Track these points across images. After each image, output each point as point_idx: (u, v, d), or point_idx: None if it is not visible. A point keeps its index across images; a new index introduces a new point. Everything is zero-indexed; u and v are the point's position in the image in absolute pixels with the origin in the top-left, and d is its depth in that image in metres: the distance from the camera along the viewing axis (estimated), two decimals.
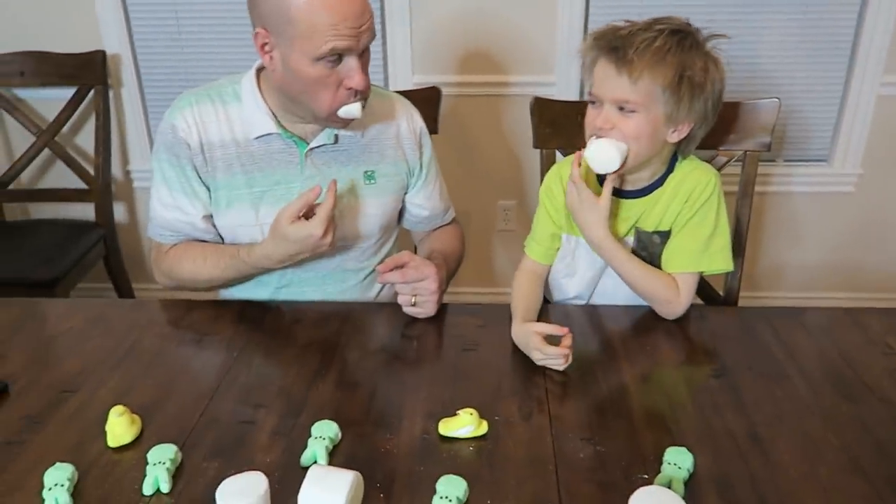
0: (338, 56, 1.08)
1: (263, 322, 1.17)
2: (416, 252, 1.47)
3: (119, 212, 2.50)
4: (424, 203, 1.37)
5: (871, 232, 2.44)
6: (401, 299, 1.16)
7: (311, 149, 1.22)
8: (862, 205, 2.40)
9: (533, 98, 1.51)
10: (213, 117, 1.20)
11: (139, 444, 0.89)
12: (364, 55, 1.12)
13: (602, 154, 1.09)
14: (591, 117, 1.12)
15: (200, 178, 1.22)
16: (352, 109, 1.14)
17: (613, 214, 1.17)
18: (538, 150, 1.56)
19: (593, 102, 1.12)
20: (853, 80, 2.24)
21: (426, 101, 1.56)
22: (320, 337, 1.14)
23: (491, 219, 2.48)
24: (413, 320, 1.16)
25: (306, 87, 1.11)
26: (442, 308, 1.18)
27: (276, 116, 1.20)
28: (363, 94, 1.14)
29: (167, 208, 1.23)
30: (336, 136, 1.23)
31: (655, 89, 1.05)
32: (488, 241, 2.51)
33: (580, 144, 1.50)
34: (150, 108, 2.39)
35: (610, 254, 1.14)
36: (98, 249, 2.26)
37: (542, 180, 1.54)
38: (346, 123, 1.18)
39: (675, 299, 1.14)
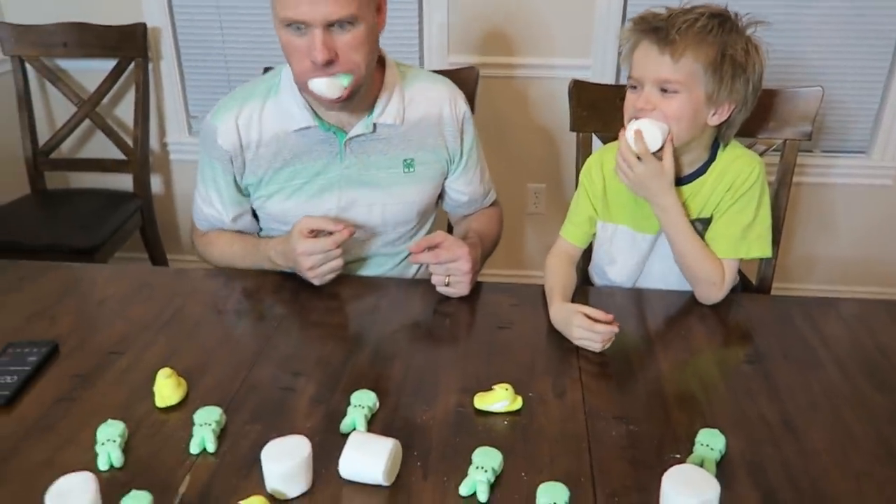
0: (299, 25, 1.07)
1: (302, 295, 1.19)
2: (451, 231, 1.49)
3: (156, 183, 2.54)
4: (464, 188, 1.37)
5: None
6: (434, 279, 1.17)
7: (350, 138, 1.22)
8: None
9: (571, 81, 1.51)
10: (256, 116, 1.22)
11: (185, 406, 0.92)
12: (337, 29, 1.08)
13: (644, 133, 1.09)
14: (631, 100, 1.12)
15: (236, 182, 1.26)
16: (318, 84, 1.11)
17: None
18: (570, 134, 1.55)
19: (633, 87, 1.12)
20: None
21: (463, 81, 1.56)
22: (357, 311, 1.16)
23: (521, 201, 2.48)
24: (447, 298, 1.18)
25: (284, 52, 1.13)
26: (475, 287, 1.19)
27: (312, 108, 1.20)
28: (332, 71, 1.09)
29: (204, 202, 1.31)
30: (374, 126, 1.23)
31: (697, 68, 1.06)
32: (518, 223, 2.52)
33: (618, 128, 1.51)
34: (189, 81, 2.42)
35: (675, 222, 1.13)
36: (135, 219, 2.31)
37: (577, 163, 1.54)
38: (331, 101, 1.13)
39: (719, 283, 1.14)
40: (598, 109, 1.51)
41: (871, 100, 2.27)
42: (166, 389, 0.91)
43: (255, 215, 1.34)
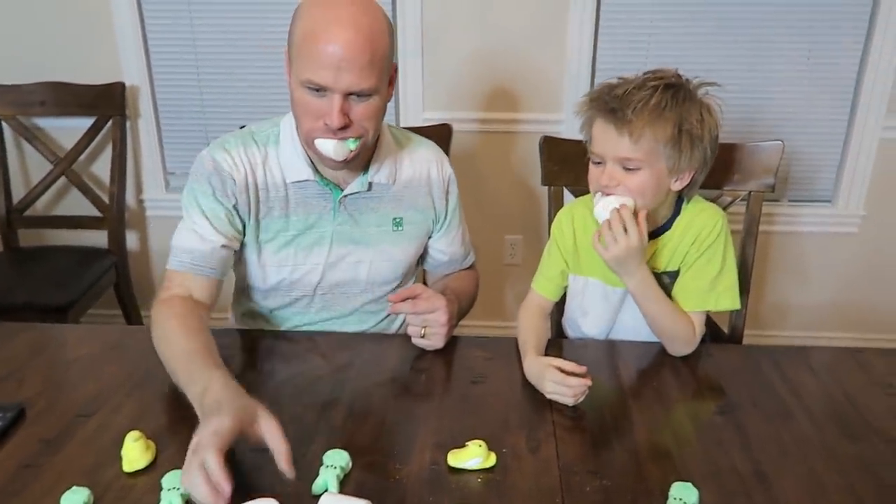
0: (319, 88, 1.08)
1: (275, 350, 1.19)
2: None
3: (131, 240, 2.54)
4: (446, 248, 1.40)
5: (875, 273, 2.46)
6: (411, 330, 1.18)
7: (345, 196, 1.24)
8: (866, 246, 2.43)
9: (542, 137, 1.55)
10: (258, 159, 1.22)
11: (153, 470, 0.90)
12: (356, 98, 1.10)
13: (609, 212, 1.13)
14: (595, 175, 1.16)
15: (237, 212, 1.21)
16: (326, 145, 1.13)
17: None
18: (546, 187, 1.59)
19: (596, 162, 1.15)
20: (856, 122, 2.28)
21: (438, 137, 1.59)
22: (332, 366, 1.16)
23: (498, 253, 2.51)
24: (422, 352, 1.19)
25: (296, 109, 1.14)
26: (451, 341, 1.20)
27: (312, 162, 1.22)
28: (343, 136, 1.11)
29: (189, 234, 1.20)
30: (370, 185, 1.25)
31: (657, 145, 1.09)
32: (495, 275, 2.54)
33: (587, 182, 1.54)
34: (166, 139, 2.44)
35: (648, 294, 1.15)
36: (109, 276, 2.30)
37: (549, 215, 1.57)
38: (335, 162, 1.15)
39: (691, 336, 1.16)
40: (569, 164, 1.55)
41: (834, 151, 2.35)
42: (134, 453, 0.90)
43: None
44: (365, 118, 1.13)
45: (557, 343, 1.24)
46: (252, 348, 1.19)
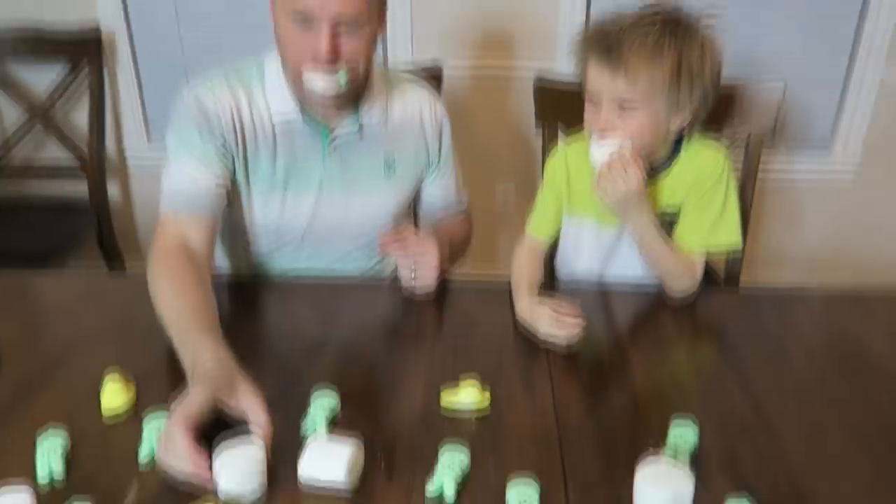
0: (306, 18, 1.04)
1: (261, 295, 1.15)
2: None
3: (113, 191, 2.47)
4: (439, 193, 1.35)
5: (871, 222, 2.44)
6: (401, 272, 1.14)
7: (335, 137, 1.19)
8: (861, 194, 2.40)
9: (536, 78, 1.50)
10: (243, 98, 1.16)
11: (134, 412, 0.87)
12: (343, 28, 1.05)
13: (607, 155, 1.08)
14: (591, 116, 1.11)
15: (227, 150, 1.15)
16: (313, 78, 1.08)
17: None
18: (538, 133, 1.54)
19: (590, 99, 1.10)
20: (855, 68, 2.23)
21: (427, 80, 1.54)
22: (320, 312, 1.12)
23: (489, 201, 2.47)
24: (413, 295, 1.15)
25: (280, 41, 1.09)
26: (442, 285, 1.16)
27: (299, 102, 1.16)
28: (332, 68, 1.06)
29: (179, 174, 1.13)
30: (360, 126, 1.20)
31: (655, 85, 1.03)
32: (486, 223, 2.48)
33: (582, 123, 1.50)
34: (146, 86, 2.36)
35: (652, 237, 1.11)
36: (91, 228, 2.23)
37: (543, 161, 1.53)
38: (322, 100, 1.11)
39: (691, 277, 1.13)
40: (563, 106, 1.49)
41: (832, 98, 2.30)
42: (113, 395, 0.86)
43: None
44: (355, 50, 1.08)
45: (551, 285, 1.20)
46: (239, 294, 1.15)
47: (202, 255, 1.11)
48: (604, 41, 1.04)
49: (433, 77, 1.56)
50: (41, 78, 2.27)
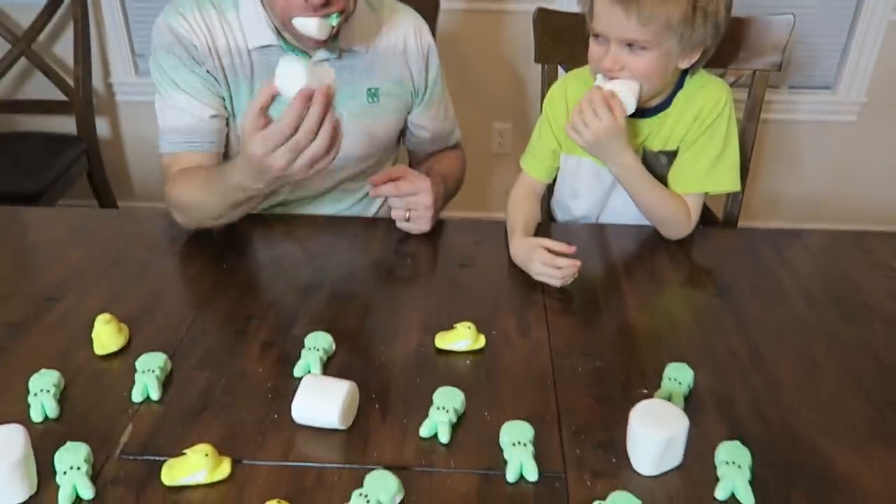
0: None
1: (253, 235, 1.13)
2: None
3: (102, 126, 2.41)
4: (427, 124, 1.31)
5: (872, 163, 2.41)
6: (394, 213, 1.12)
7: (315, 63, 1.14)
8: (864, 135, 2.36)
9: (536, 9, 1.44)
10: (216, 22, 1.11)
11: (127, 353, 0.86)
12: None
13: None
14: (597, 55, 1.05)
15: (213, 76, 1.11)
16: (306, 24, 1.02)
17: None
18: (536, 72, 1.49)
19: (597, 37, 1.05)
20: (864, 6, 2.16)
21: (422, 12, 1.48)
22: (313, 251, 1.10)
23: (486, 142, 2.42)
24: (407, 236, 1.13)
25: None
26: (437, 225, 1.14)
27: (276, 27, 1.11)
28: (325, 11, 1.02)
29: (171, 111, 1.11)
30: (340, 52, 1.15)
31: (668, 25, 0.98)
32: (483, 164, 2.46)
33: (584, 58, 1.45)
34: (133, 18, 2.27)
35: (635, 178, 1.08)
36: (81, 164, 2.19)
37: (542, 99, 1.48)
38: (314, 42, 1.06)
39: (686, 220, 1.11)
40: (564, 39, 1.44)
41: (838, 36, 2.23)
42: (105, 336, 0.85)
43: None
44: None
45: (547, 226, 1.19)
46: (227, 232, 1.13)
47: None
48: None
49: (428, 7, 1.49)
50: (22, 7, 2.19)
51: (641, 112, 1.11)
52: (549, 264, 0.98)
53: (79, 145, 2.19)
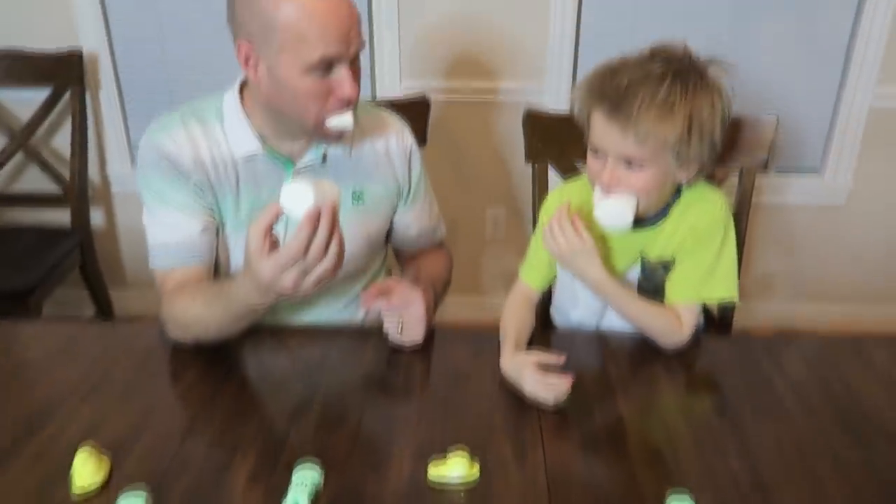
0: (328, 64, 1.03)
1: (243, 348, 1.11)
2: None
3: (96, 217, 2.42)
4: (413, 222, 1.32)
5: (862, 246, 2.42)
6: (387, 327, 1.11)
7: (299, 169, 1.16)
8: (853, 218, 2.38)
9: (525, 110, 1.47)
10: (200, 136, 1.13)
11: (108, 489, 0.83)
12: (354, 63, 1.08)
13: (613, 214, 1.05)
14: (595, 168, 1.07)
15: (200, 189, 1.13)
16: (344, 120, 1.08)
17: (618, 247, 1.13)
18: (528, 166, 1.50)
19: (595, 150, 1.07)
20: (846, 90, 2.21)
21: (415, 111, 1.51)
22: (302, 367, 1.08)
23: (479, 227, 2.44)
24: (400, 348, 1.11)
25: (296, 98, 1.05)
26: (430, 335, 1.13)
27: (261, 136, 1.14)
28: (350, 105, 1.08)
29: (162, 228, 1.13)
30: (324, 156, 1.17)
31: (665, 143, 1.00)
32: (477, 249, 2.47)
33: (574, 158, 1.47)
34: (129, 110, 2.31)
35: (612, 294, 1.09)
36: (74, 257, 2.19)
37: (533, 195, 1.50)
38: (338, 136, 1.12)
39: (677, 331, 1.10)
40: (553, 139, 1.46)
41: (822, 119, 2.28)
42: (86, 472, 0.82)
43: None
44: (359, 80, 1.08)
45: (545, 334, 1.17)
46: (215, 346, 1.11)
47: None
48: (611, 95, 1.00)
49: (420, 108, 1.52)
50: (22, 103, 2.22)
51: (639, 222, 1.11)
52: (539, 382, 0.96)
53: (73, 238, 2.19)
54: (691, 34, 2.14)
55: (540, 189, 1.49)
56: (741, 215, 1.48)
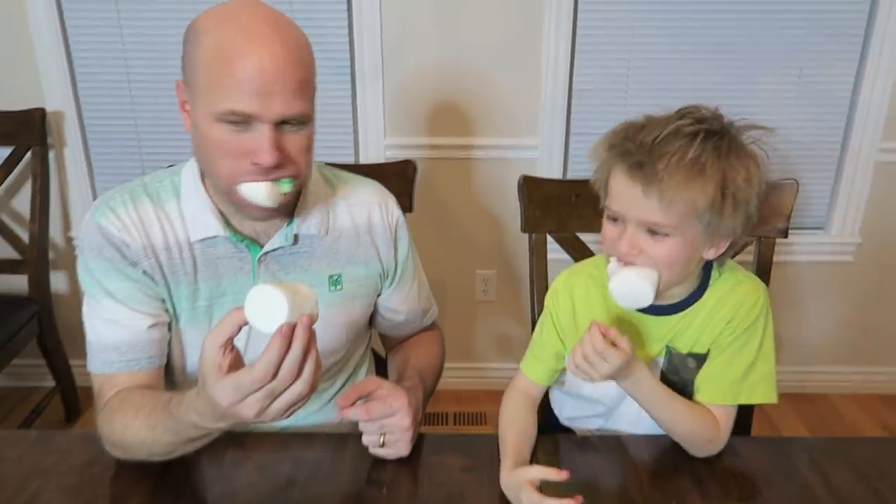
0: (243, 120, 0.87)
1: (200, 464, 0.94)
2: (386, 363, 1.26)
3: (59, 281, 2.27)
4: (400, 306, 1.16)
5: (872, 303, 2.31)
6: (366, 439, 0.95)
7: (266, 253, 1.00)
8: (861, 275, 2.27)
9: (521, 177, 1.34)
10: (152, 217, 0.98)
11: None
12: (282, 128, 0.88)
13: (631, 289, 0.90)
14: (612, 236, 0.92)
15: (150, 278, 0.97)
16: (255, 190, 0.90)
17: (641, 334, 0.99)
18: (518, 216, 1.35)
19: (613, 219, 0.92)
20: (850, 145, 2.13)
21: (399, 176, 1.39)
22: (269, 484, 0.92)
23: (469, 289, 2.30)
24: (383, 460, 0.95)
25: (208, 150, 0.90)
26: (417, 442, 0.97)
27: (222, 214, 0.99)
28: (276, 175, 0.90)
29: (104, 323, 0.96)
30: (296, 237, 1.02)
31: (693, 210, 0.85)
32: (467, 312, 2.32)
33: (573, 227, 1.34)
34: (97, 169, 2.18)
35: (649, 393, 0.93)
36: (31, 327, 2.03)
37: (531, 266, 1.36)
38: (259, 210, 0.93)
39: (715, 437, 0.94)
40: (552, 207, 1.34)
41: (827, 175, 2.19)
42: None
43: None
44: (300, 152, 0.91)
45: (553, 439, 1.02)
46: (162, 461, 0.94)
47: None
48: (635, 152, 0.86)
49: (405, 172, 1.39)
50: None
51: (666, 308, 0.97)
52: None
53: (30, 307, 2.03)
54: (690, 90, 2.04)
55: (538, 260, 1.36)
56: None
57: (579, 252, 1.35)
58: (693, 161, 0.83)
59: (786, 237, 1.33)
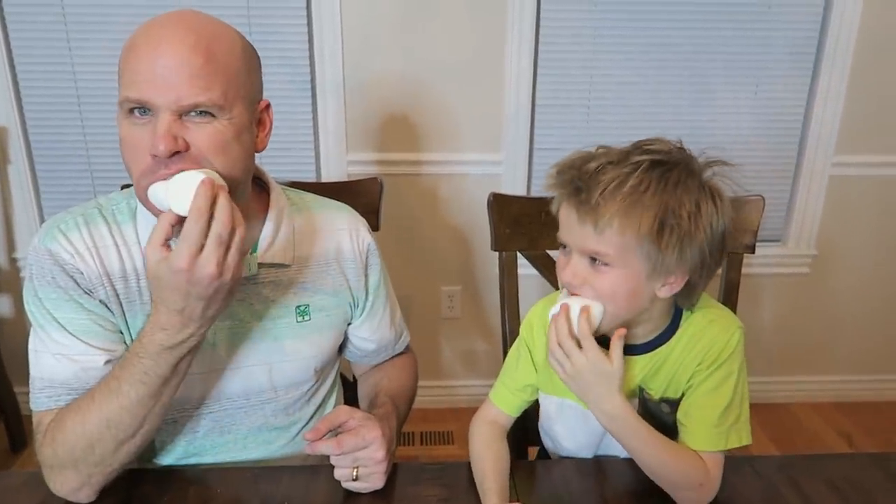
0: (143, 108, 0.82)
1: (163, 501, 0.89)
2: (356, 386, 1.22)
3: (3, 305, 2.16)
4: (371, 335, 1.12)
5: (828, 314, 2.36)
6: (338, 473, 0.90)
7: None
8: (817, 286, 2.32)
9: (491, 193, 1.32)
10: (108, 242, 0.92)
11: None
12: (192, 119, 0.83)
13: (571, 318, 0.87)
14: (560, 264, 0.90)
15: (106, 306, 0.91)
16: (155, 190, 0.83)
17: None
18: (484, 232, 1.36)
19: (563, 246, 0.90)
20: (805, 159, 2.18)
21: (365, 194, 1.35)
22: None
23: (434, 306, 2.27)
24: (356, 494, 0.91)
25: (122, 153, 0.85)
26: (391, 473, 0.93)
27: None
28: (175, 167, 0.81)
29: (53, 358, 0.88)
30: (259, 265, 0.96)
31: (629, 241, 0.82)
32: (433, 328, 2.29)
33: (545, 245, 1.32)
34: (43, 187, 2.09)
35: (630, 431, 0.88)
36: None
37: (501, 284, 1.33)
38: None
39: (706, 481, 0.89)
40: (522, 225, 1.32)
41: (783, 188, 2.23)
42: None
43: None
44: (212, 149, 0.84)
45: (531, 466, 0.98)
46: (125, 492, 0.88)
47: None
48: (575, 180, 0.84)
49: (371, 190, 1.36)
50: None
51: (632, 348, 0.93)
52: None
53: None
54: (651, 106, 2.06)
55: (508, 278, 1.33)
56: (729, 304, 1.36)
57: (550, 270, 1.33)
58: (632, 190, 0.80)
59: (753, 252, 1.33)
